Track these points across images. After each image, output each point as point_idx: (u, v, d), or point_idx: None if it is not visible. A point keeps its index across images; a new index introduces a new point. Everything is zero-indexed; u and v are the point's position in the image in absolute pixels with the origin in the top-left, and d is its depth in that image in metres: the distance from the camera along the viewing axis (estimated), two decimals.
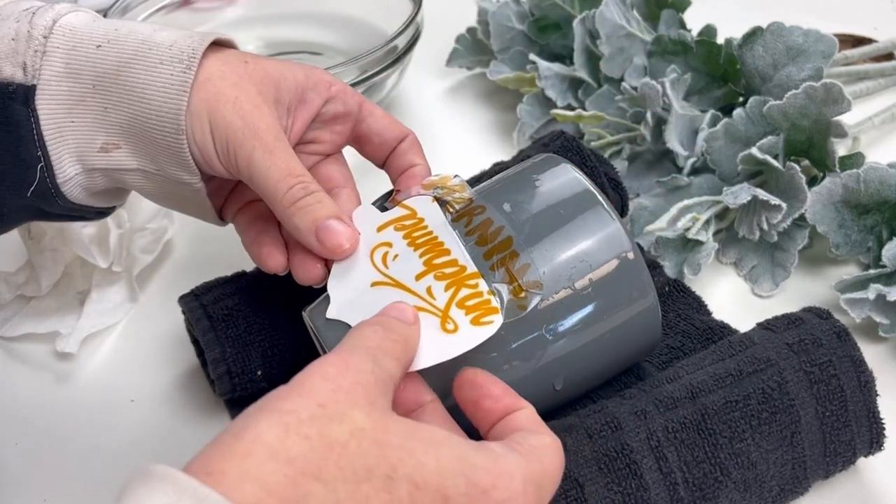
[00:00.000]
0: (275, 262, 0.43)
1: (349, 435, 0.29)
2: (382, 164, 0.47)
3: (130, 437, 0.49)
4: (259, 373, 0.47)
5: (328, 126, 0.46)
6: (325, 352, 0.42)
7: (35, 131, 0.40)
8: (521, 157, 0.55)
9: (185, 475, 0.27)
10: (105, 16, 0.69)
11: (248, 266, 0.52)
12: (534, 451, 0.32)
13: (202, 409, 0.50)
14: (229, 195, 0.47)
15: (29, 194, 0.41)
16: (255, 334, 0.47)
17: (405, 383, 0.36)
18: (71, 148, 0.41)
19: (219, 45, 0.43)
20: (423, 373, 0.37)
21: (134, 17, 0.71)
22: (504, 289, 0.39)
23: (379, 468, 0.29)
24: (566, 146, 0.53)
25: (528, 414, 0.35)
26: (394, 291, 0.39)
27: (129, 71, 0.41)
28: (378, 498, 0.29)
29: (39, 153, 0.40)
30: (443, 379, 0.37)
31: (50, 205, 0.42)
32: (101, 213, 0.46)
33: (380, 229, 0.43)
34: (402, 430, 0.30)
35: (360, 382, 0.31)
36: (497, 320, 0.38)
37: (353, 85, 0.62)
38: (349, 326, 0.39)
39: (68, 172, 0.41)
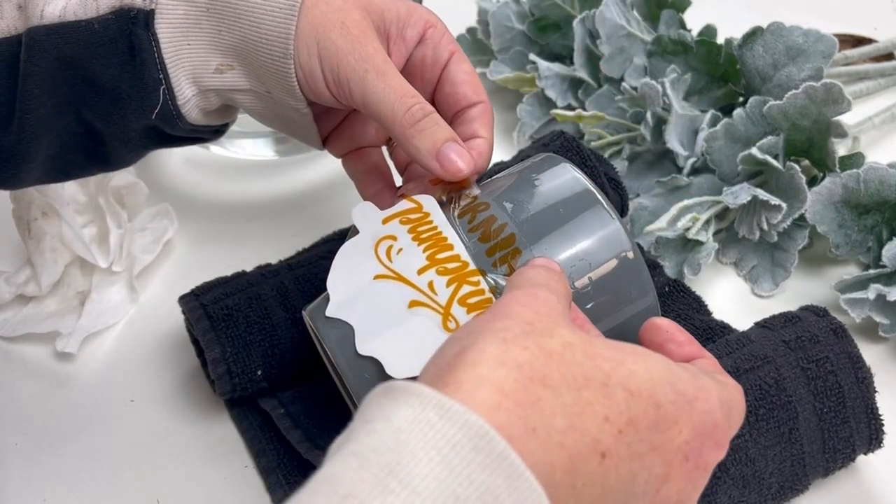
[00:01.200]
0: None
1: (562, 347, 0.30)
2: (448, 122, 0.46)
3: (130, 437, 0.49)
4: (259, 372, 0.47)
5: (416, 75, 0.46)
6: (325, 351, 0.42)
7: (156, 54, 0.41)
8: (521, 157, 0.55)
9: (427, 388, 0.28)
10: None
11: (248, 266, 0.52)
12: (723, 382, 0.33)
13: (202, 409, 0.50)
14: (336, 129, 0.48)
15: (153, 116, 0.42)
16: (255, 334, 0.47)
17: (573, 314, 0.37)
18: (187, 70, 0.42)
19: None
20: None
21: None
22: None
23: (595, 376, 0.30)
24: (566, 146, 0.53)
25: (711, 362, 0.35)
26: (396, 285, 0.39)
27: None
28: (599, 403, 0.29)
29: (161, 76, 0.42)
30: None
31: (171, 126, 0.43)
32: (216, 132, 0.47)
33: (385, 221, 0.42)
34: (606, 343, 0.31)
35: (553, 308, 0.32)
36: None
37: None
38: (349, 324, 0.39)
39: (186, 93, 0.43)
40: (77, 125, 0.43)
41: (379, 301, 0.39)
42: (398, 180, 0.47)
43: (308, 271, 0.50)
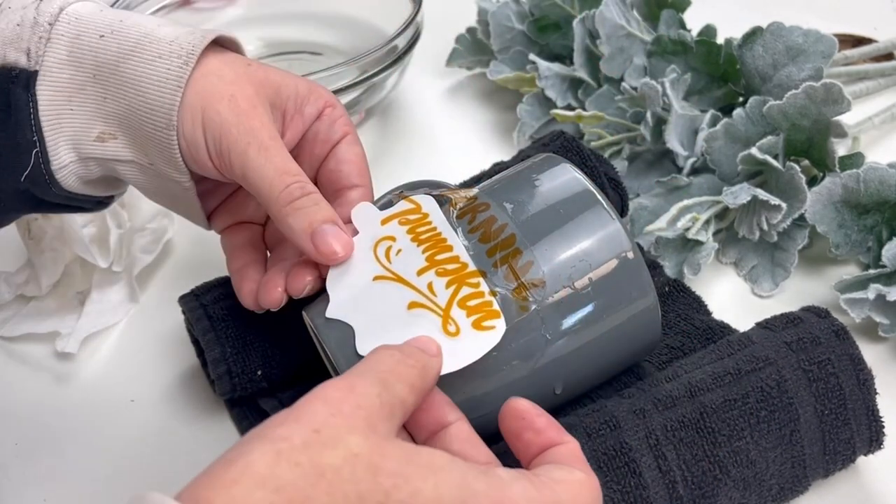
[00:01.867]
0: (250, 299, 0.43)
1: (342, 461, 0.29)
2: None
3: (130, 437, 0.49)
4: (259, 373, 0.47)
5: (306, 150, 0.46)
6: (325, 351, 0.42)
7: (32, 116, 0.40)
8: (521, 157, 0.55)
9: (175, 503, 0.27)
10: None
11: None
12: (549, 483, 0.31)
13: (202, 409, 0.50)
14: (221, 205, 0.47)
15: (22, 179, 0.41)
16: (255, 334, 0.47)
17: (427, 404, 0.35)
18: (67, 135, 0.41)
19: (223, 45, 0.43)
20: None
21: None
22: (506, 289, 0.39)
23: (372, 495, 0.28)
24: (566, 146, 0.53)
25: (570, 449, 0.34)
26: (395, 286, 0.39)
27: (129, 62, 0.41)
28: None
29: (35, 138, 0.40)
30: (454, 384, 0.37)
31: (43, 192, 0.42)
32: (100, 204, 0.46)
33: (384, 222, 0.42)
34: (399, 454, 0.30)
35: (362, 406, 0.31)
36: (500, 325, 0.38)
37: (354, 85, 0.62)
38: (349, 325, 0.39)
39: (63, 159, 0.41)
40: None
41: (378, 302, 0.39)
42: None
43: None
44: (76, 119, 0.41)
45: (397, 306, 0.39)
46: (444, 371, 0.37)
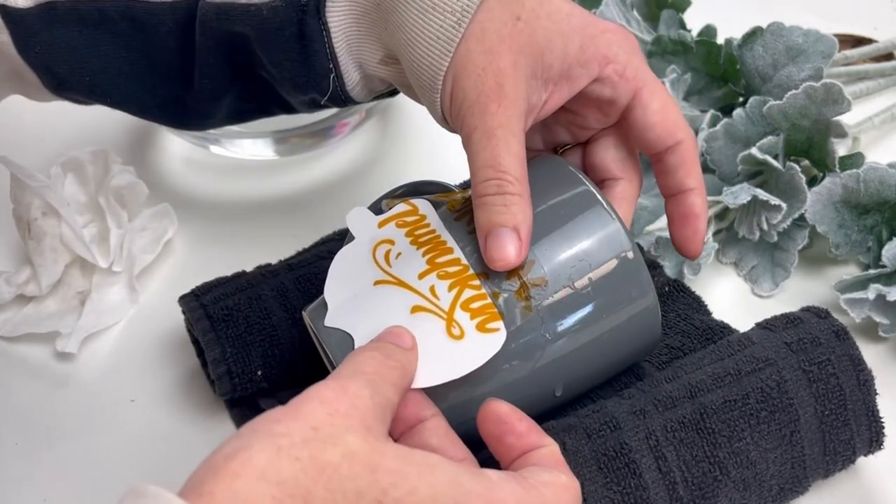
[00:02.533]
0: None
1: (341, 458, 0.29)
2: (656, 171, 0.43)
3: (130, 437, 0.49)
4: (259, 373, 0.47)
5: (591, 107, 0.42)
6: (325, 352, 0.42)
7: (327, 44, 0.42)
8: None
9: (176, 497, 0.27)
10: None
11: (248, 266, 0.52)
12: (537, 486, 0.32)
13: (202, 409, 0.50)
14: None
15: (322, 102, 0.44)
16: (255, 334, 0.47)
17: (405, 399, 0.36)
18: (356, 58, 0.42)
19: None
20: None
21: None
22: (509, 290, 0.39)
23: (369, 492, 0.29)
24: None
25: (550, 452, 0.34)
26: (396, 290, 0.39)
27: (406, 5, 0.39)
28: None
29: (331, 65, 0.42)
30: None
31: (338, 105, 0.45)
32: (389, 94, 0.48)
33: (381, 225, 0.42)
34: (395, 454, 0.30)
35: (357, 407, 0.31)
36: (503, 327, 0.38)
37: None
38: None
39: (354, 79, 0.43)
40: (253, 91, 0.46)
41: (380, 307, 0.39)
42: None
43: (308, 271, 0.50)
44: (363, 42, 0.42)
45: (400, 310, 0.39)
46: (452, 377, 0.37)
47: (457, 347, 0.37)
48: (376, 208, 0.45)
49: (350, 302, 0.40)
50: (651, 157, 0.43)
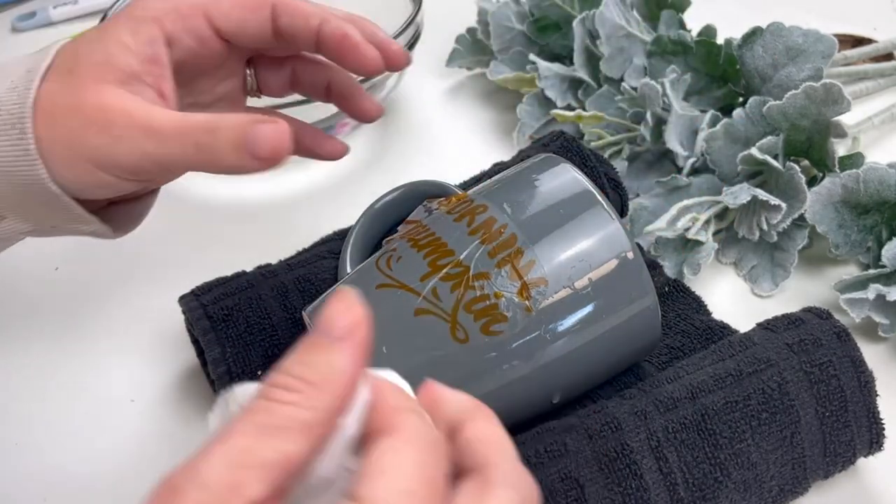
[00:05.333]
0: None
1: None
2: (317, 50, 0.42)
3: (130, 437, 0.49)
4: (259, 373, 0.47)
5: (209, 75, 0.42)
6: None
7: None
8: (521, 157, 0.55)
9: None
10: (105, 16, 0.69)
11: (248, 266, 0.52)
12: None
13: (202, 410, 0.50)
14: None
15: None
16: (255, 334, 0.47)
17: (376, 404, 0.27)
18: None
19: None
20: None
21: None
22: (511, 290, 0.39)
23: None
24: (566, 146, 0.53)
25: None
26: (399, 293, 0.39)
27: None
28: None
29: None
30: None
31: None
32: None
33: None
34: None
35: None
36: (507, 329, 0.38)
37: None
38: None
39: None
40: None
41: (384, 311, 0.39)
42: None
43: (308, 271, 0.50)
44: None
45: (403, 313, 0.39)
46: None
47: (461, 350, 0.37)
48: (379, 209, 0.45)
49: None
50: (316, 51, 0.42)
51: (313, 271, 0.50)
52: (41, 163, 0.37)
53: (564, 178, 0.42)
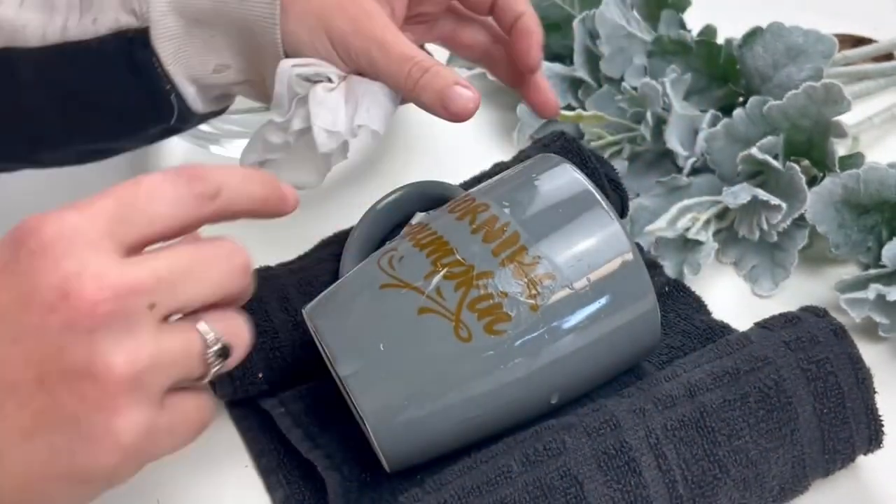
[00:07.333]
0: None
1: None
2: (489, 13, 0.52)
3: None
4: (260, 375, 0.47)
5: None
6: (325, 350, 0.42)
7: (160, 68, 0.44)
8: (521, 157, 0.55)
9: None
10: None
11: None
12: None
13: None
14: None
15: (172, 122, 0.47)
16: (257, 337, 0.47)
17: None
18: (188, 74, 0.45)
19: None
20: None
21: None
22: (515, 289, 0.39)
23: None
24: (566, 146, 0.53)
25: None
26: (402, 292, 0.39)
27: (224, 5, 0.44)
28: None
29: (169, 86, 0.45)
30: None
31: (185, 124, 0.48)
32: (215, 114, 0.50)
33: None
34: None
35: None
36: (510, 328, 0.38)
37: None
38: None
39: (189, 93, 0.46)
40: (89, 143, 0.48)
41: (386, 309, 0.39)
42: None
43: (309, 274, 0.50)
44: (192, 58, 0.45)
45: (406, 312, 0.39)
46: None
47: (465, 350, 0.37)
48: (380, 210, 0.45)
49: (354, 309, 0.40)
50: (489, 14, 0.52)
51: (314, 274, 0.50)
52: (278, 28, 0.44)
53: (564, 179, 0.42)
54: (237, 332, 0.35)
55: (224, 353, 0.34)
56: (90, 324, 0.30)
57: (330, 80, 0.45)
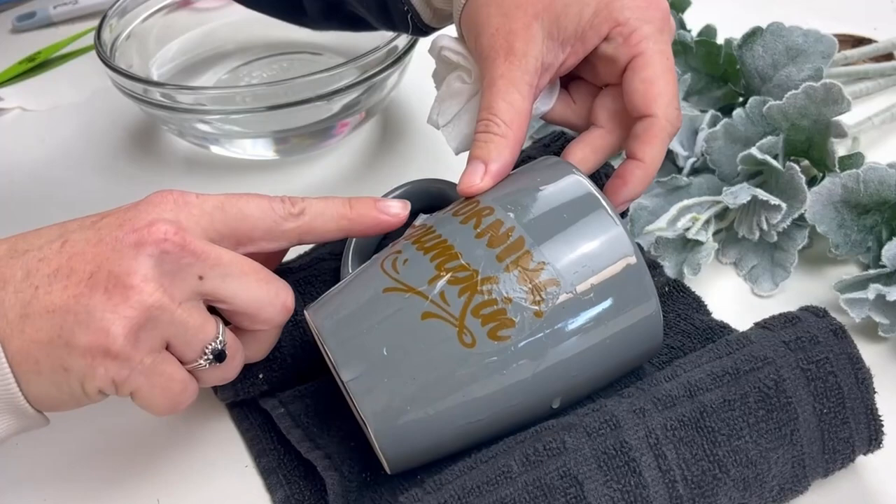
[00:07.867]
0: None
1: None
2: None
3: (130, 437, 0.49)
4: (261, 375, 0.47)
5: (600, 62, 0.46)
6: (327, 352, 0.42)
7: None
8: (522, 157, 0.55)
9: None
10: (105, 17, 0.69)
11: None
12: None
13: (203, 411, 0.50)
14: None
15: (410, 33, 0.53)
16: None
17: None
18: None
19: None
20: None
21: (134, 17, 0.71)
22: (520, 294, 0.39)
23: None
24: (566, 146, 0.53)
25: None
26: (406, 296, 0.39)
27: None
28: None
29: (406, 7, 0.51)
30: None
31: (421, 34, 0.54)
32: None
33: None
34: None
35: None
36: (515, 334, 0.38)
37: (354, 85, 0.62)
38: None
39: (427, 14, 0.51)
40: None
41: (389, 313, 0.39)
42: None
43: (308, 274, 0.50)
44: None
45: (410, 317, 0.39)
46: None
47: (468, 354, 0.37)
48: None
49: (357, 312, 0.40)
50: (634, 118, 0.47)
51: (314, 273, 0.50)
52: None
53: (567, 181, 0.42)
54: (236, 354, 0.41)
55: (219, 356, 0.40)
56: (151, 251, 0.37)
57: (468, 76, 0.47)
